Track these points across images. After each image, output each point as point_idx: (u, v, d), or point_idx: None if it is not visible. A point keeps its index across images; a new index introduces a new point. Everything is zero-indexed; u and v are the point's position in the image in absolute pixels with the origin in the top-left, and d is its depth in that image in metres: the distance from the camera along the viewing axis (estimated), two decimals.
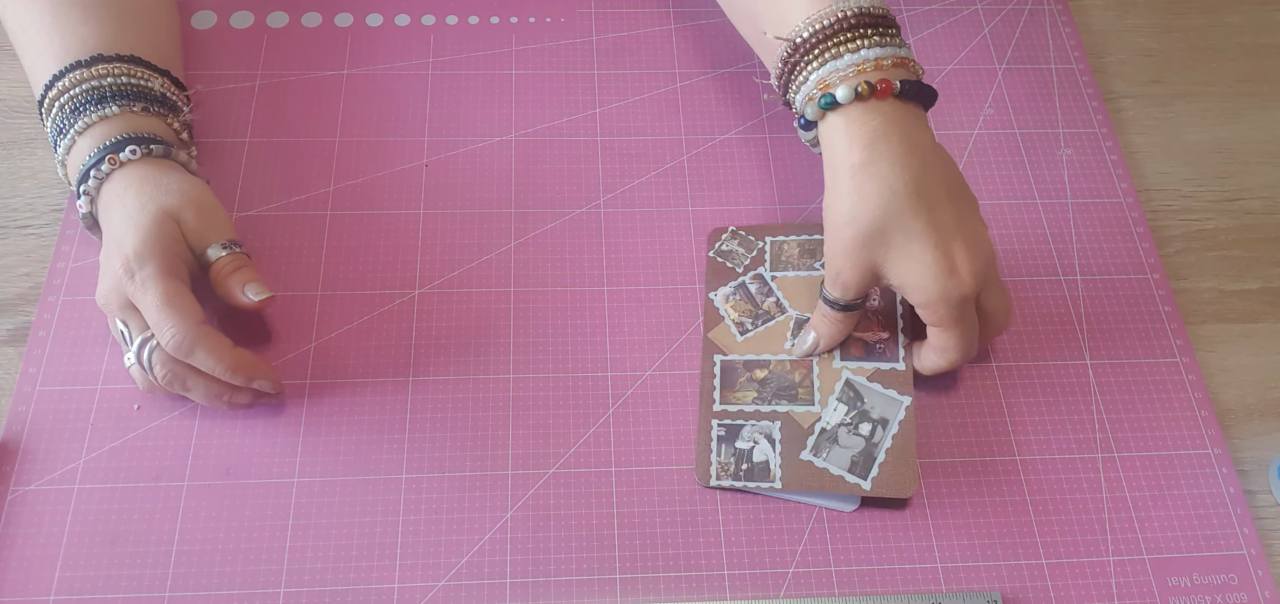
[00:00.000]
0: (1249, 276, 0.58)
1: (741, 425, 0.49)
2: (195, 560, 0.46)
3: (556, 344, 0.53)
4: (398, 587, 0.46)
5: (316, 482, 0.48)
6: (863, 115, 0.45)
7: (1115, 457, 0.51)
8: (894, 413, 0.49)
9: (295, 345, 0.52)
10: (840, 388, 0.50)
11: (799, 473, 0.48)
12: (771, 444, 0.49)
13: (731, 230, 0.56)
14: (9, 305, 0.53)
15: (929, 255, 0.45)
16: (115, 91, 0.49)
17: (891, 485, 0.47)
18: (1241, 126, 0.64)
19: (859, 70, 0.46)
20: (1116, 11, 0.70)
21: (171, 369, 0.47)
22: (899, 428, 0.48)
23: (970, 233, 0.46)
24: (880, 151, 0.45)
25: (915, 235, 0.45)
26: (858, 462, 0.48)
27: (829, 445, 0.48)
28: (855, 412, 0.49)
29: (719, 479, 0.48)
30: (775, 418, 0.49)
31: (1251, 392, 0.54)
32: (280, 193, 0.57)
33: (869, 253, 0.46)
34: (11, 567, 0.46)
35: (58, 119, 0.49)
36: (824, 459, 0.48)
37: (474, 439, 0.50)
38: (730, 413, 0.50)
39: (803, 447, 0.48)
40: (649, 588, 0.47)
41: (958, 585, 0.47)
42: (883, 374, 0.50)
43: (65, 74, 0.49)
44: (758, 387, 0.50)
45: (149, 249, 0.46)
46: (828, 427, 0.49)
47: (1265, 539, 0.49)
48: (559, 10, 0.66)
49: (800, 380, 0.50)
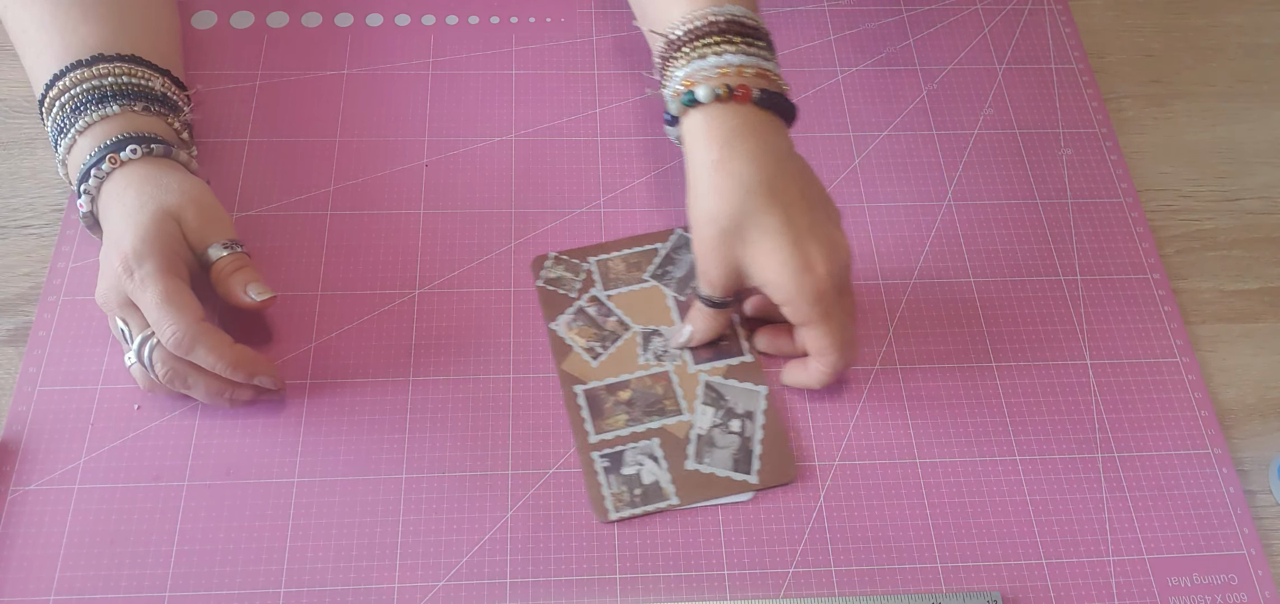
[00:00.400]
0: (1249, 277, 0.58)
1: (622, 451, 0.49)
2: (195, 560, 0.46)
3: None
4: (398, 587, 0.46)
5: (316, 482, 0.48)
6: (721, 115, 0.47)
7: (1115, 457, 0.51)
8: (756, 404, 0.50)
9: (295, 345, 0.52)
10: (702, 391, 0.51)
11: (691, 484, 0.48)
12: (656, 462, 0.49)
13: (553, 256, 0.55)
14: (9, 305, 0.53)
15: (783, 252, 0.46)
16: (116, 91, 0.49)
17: (775, 474, 0.49)
18: (1241, 126, 0.64)
19: (721, 73, 0.47)
20: (1116, 11, 0.70)
21: (173, 366, 0.47)
22: (765, 417, 0.50)
23: (825, 234, 0.47)
24: (735, 150, 0.46)
25: (770, 232, 0.46)
26: (739, 458, 0.49)
27: (708, 449, 0.49)
28: (722, 411, 0.50)
29: (618, 511, 0.48)
30: (652, 435, 0.49)
31: (1251, 392, 0.54)
32: (280, 193, 0.57)
33: (729, 249, 0.47)
34: (11, 567, 0.46)
35: (58, 118, 0.49)
36: (708, 464, 0.49)
37: (474, 439, 0.50)
38: (608, 441, 0.49)
39: (685, 457, 0.49)
40: (649, 588, 0.47)
41: (958, 585, 0.47)
42: (735, 369, 0.51)
43: (66, 73, 0.49)
44: (626, 408, 0.50)
45: (148, 247, 0.46)
46: (702, 431, 0.49)
47: (1265, 539, 0.49)
48: (559, 10, 0.66)
49: (664, 393, 0.51)
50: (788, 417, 0.51)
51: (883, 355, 0.53)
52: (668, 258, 0.55)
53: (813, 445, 0.50)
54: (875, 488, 0.49)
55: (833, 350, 0.48)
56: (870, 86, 0.63)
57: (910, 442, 0.51)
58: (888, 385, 0.52)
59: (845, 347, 0.48)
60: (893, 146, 0.61)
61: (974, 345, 0.54)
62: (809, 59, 0.64)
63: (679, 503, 0.48)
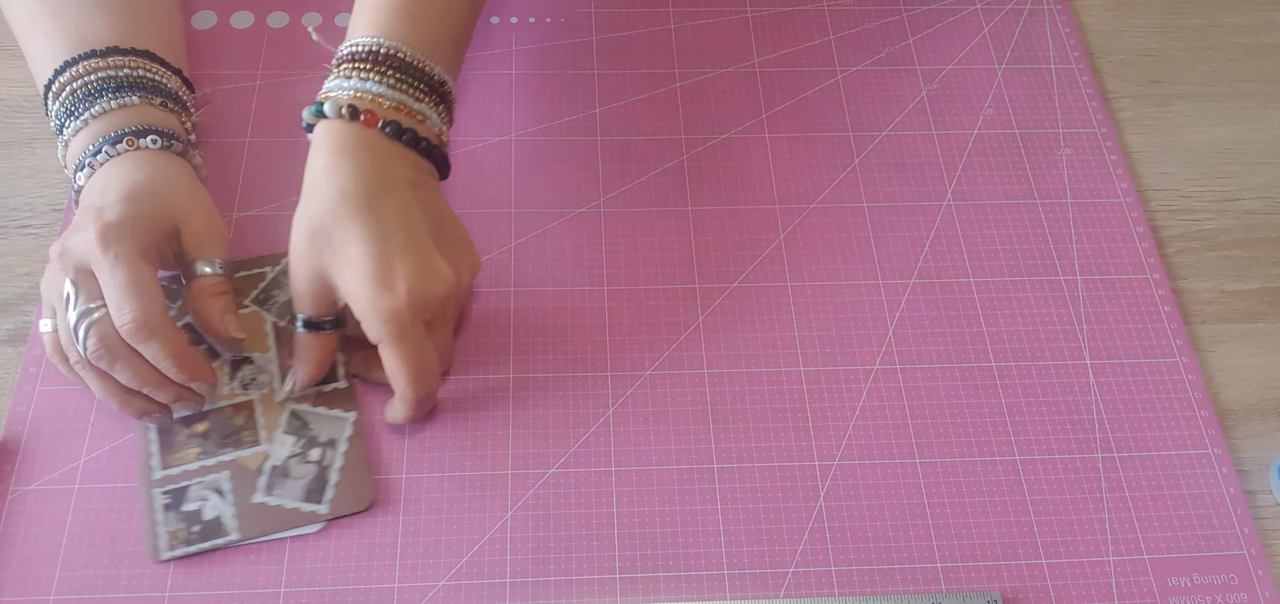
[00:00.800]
0: (1249, 277, 0.58)
1: (187, 487, 0.47)
2: (195, 560, 0.46)
3: (556, 344, 0.53)
4: (398, 587, 0.46)
5: None
6: (341, 130, 0.46)
7: (1115, 457, 0.51)
8: (341, 432, 0.49)
9: None
10: (285, 420, 0.49)
11: (255, 517, 0.46)
12: (222, 496, 0.47)
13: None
14: (9, 305, 0.53)
15: (366, 263, 0.44)
16: (133, 83, 0.49)
17: (347, 503, 0.47)
18: (1241, 126, 0.64)
19: (356, 97, 0.47)
20: (1116, 11, 0.70)
21: (107, 347, 0.44)
22: (349, 444, 0.48)
23: (422, 260, 0.46)
24: (342, 161, 0.46)
25: (356, 239, 0.45)
26: (312, 488, 0.47)
27: (282, 480, 0.47)
28: (303, 440, 0.48)
29: (172, 549, 0.46)
30: (223, 468, 0.47)
31: (1251, 392, 0.54)
32: (280, 193, 0.57)
33: (317, 255, 0.46)
34: (11, 567, 0.46)
35: (68, 102, 0.48)
36: (278, 496, 0.47)
37: (474, 439, 0.50)
38: (174, 477, 0.47)
39: (254, 489, 0.47)
40: (649, 588, 0.47)
41: (958, 585, 0.47)
42: (326, 396, 0.50)
43: (79, 61, 0.49)
44: (200, 441, 0.48)
45: (134, 229, 0.45)
46: (278, 462, 0.48)
47: (1265, 539, 0.49)
48: (559, 10, 0.66)
49: (244, 423, 0.49)
50: (375, 444, 0.49)
51: (883, 355, 0.53)
52: (274, 282, 0.52)
53: (813, 445, 0.50)
54: (875, 488, 0.49)
55: (402, 375, 0.46)
56: (870, 86, 0.64)
57: (910, 441, 0.51)
58: (888, 385, 0.52)
59: (417, 376, 0.46)
60: (893, 146, 0.61)
61: (974, 345, 0.54)
62: (809, 59, 0.65)
63: (239, 538, 0.46)
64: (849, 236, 0.57)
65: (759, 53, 0.65)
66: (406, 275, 0.45)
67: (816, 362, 0.53)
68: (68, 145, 0.49)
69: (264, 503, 0.47)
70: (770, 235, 0.57)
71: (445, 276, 0.47)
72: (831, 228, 0.58)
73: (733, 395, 0.52)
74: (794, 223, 0.58)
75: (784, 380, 0.52)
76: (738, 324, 0.54)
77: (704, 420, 0.51)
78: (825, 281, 0.56)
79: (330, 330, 0.48)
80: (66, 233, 0.46)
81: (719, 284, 0.55)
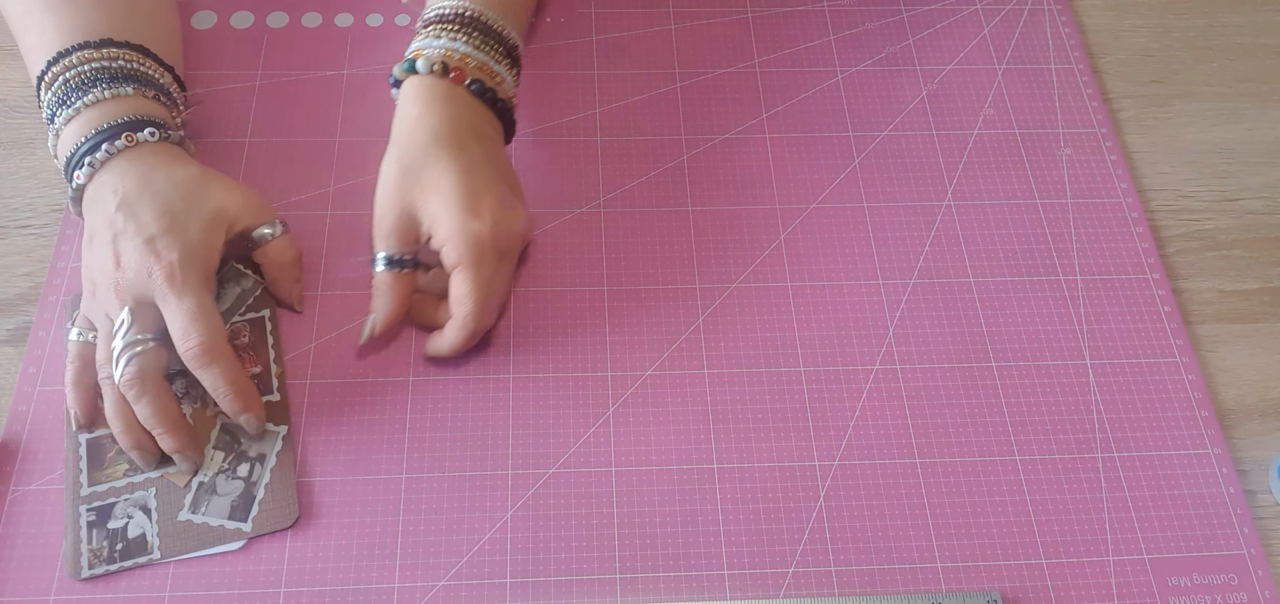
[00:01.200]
0: (1249, 277, 0.58)
1: (113, 504, 0.46)
2: (195, 560, 0.46)
3: (556, 344, 0.53)
4: (398, 587, 0.46)
5: (316, 481, 0.48)
6: (432, 84, 0.51)
7: (1115, 457, 0.51)
8: (271, 446, 0.48)
9: (295, 345, 0.52)
10: (216, 435, 0.48)
11: (177, 535, 0.46)
12: (147, 514, 0.46)
13: (72, 298, 0.51)
14: (9, 305, 0.53)
15: (456, 192, 0.48)
16: (127, 75, 0.49)
17: (272, 519, 0.46)
18: (1241, 126, 0.64)
19: (445, 54, 0.51)
20: (1116, 11, 0.70)
21: (141, 381, 0.45)
22: (277, 459, 0.48)
23: (502, 199, 0.50)
24: (434, 110, 0.50)
25: (448, 173, 0.49)
26: (237, 506, 0.47)
27: (208, 497, 0.47)
28: (232, 455, 0.48)
29: (92, 568, 0.45)
30: (150, 485, 0.47)
31: (1251, 392, 0.54)
32: (280, 193, 0.57)
33: (407, 190, 0.49)
34: (11, 567, 0.46)
35: (60, 91, 0.48)
36: (203, 513, 0.46)
37: (474, 439, 0.50)
38: (100, 493, 0.46)
39: (180, 507, 0.46)
40: (649, 588, 0.47)
41: (958, 585, 0.47)
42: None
43: (73, 52, 0.49)
44: (128, 458, 0.47)
45: (196, 259, 0.47)
46: (206, 478, 0.47)
47: (1265, 539, 0.49)
48: (559, 10, 0.66)
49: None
50: (303, 456, 0.49)
51: (883, 355, 0.53)
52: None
53: (813, 445, 0.50)
54: (875, 488, 0.49)
55: (470, 300, 0.49)
56: (870, 86, 0.64)
57: (910, 441, 0.51)
58: (888, 385, 0.52)
59: (482, 307, 0.49)
60: (893, 146, 0.61)
61: (974, 345, 0.54)
62: (809, 59, 0.64)
63: (160, 557, 0.45)
64: (849, 236, 0.57)
65: (759, 53, 0.65)
66: (491, 207, 0.49)
67: (816, 361, 0.53)
68: (59, 135, 0.49)
69: (189, 521, 0.46)
70: (770, 235, 0.57)
71: (523, 215, 0.52)
72: (831, 228, 0.58)
73: (733, 395, 0.52)
74: (794, 223, 0.58)
75: (784, 380, 0.52)
76: (738, 324, 0.54)
77: (704, 420, 0.51)
78: (825, 282, 0.56)
79: (410, 270, 0.51)
80: (114, 262, 0.46)
81: (719, 284, 0.55)
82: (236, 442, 0.48)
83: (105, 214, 0.47)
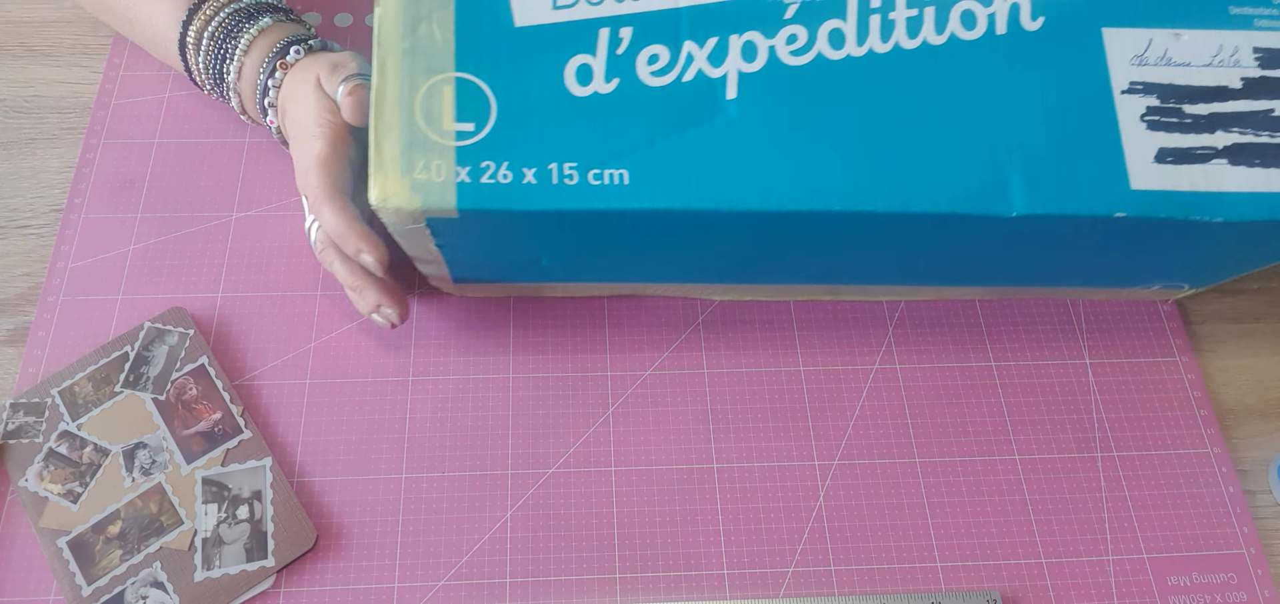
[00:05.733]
0: (1249, 277, 0.58)
1: (122, 591, 0.45)
2: None
3: (556, 344, 0.53)
4: (398, 587, 0.46)
5: (316, 481, 0.48)
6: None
7: (1115, 456, 0.51)
8: (262, 481, 0.47)
9: (295, 345, 0.52)
10: (201, 490, 0.47)
11: (204, 596, 0.45)
12: (163, 588, 0.45)
13: (9, 405, 0.48)
14: (9, 305, 0.53)
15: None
16: (256, 8, 0.52)
17: (292, 546, 0.46)
18: None
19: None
20: None
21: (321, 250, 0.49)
22: (273, 490, 0.47)
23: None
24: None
25: None
26: (252, 547, 0.46)
27: (217, 550, 0.46)
28: (225, 503, 0.47)
29: None
30: (152, 560, 0.45)
31: (1251, 392, 0.54)
32: (280, 193, 0.57)
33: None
34: (11, 567, 0.46)
35: (211, 49, 0.52)
36: (220, 566, 0.45)
37: (474, 439, 0.50)
38: (104, 587, 0.45)
39: (193, 569, 0.45)
40: (649, 588, 0.47)
41: (958, 585, 0.47)
42: (234, 452, 0.48)
43: (202, 5, 0.52)
44: (119, 543, 0.46)
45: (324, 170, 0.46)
46: (207, 534, 0.46)
47: (1265, 539, 0.49)
48: None
49: (159, 508, 0.46)
50: (303, 458, 0.49)
51: (882, 355, 0.53)
52: (140, 358, 0.50)
53: (813, 445, 0.50)
54: (875, 488, 0.49)
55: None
56: None
57: (910, 441, 0.51)
58: (887, 385, 0.52)
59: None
60: None
61: (974, 345, 0.54)
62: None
63: None
64: None
65: None
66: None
67: (816, 361, 0.53)
68: (239, 93, 0.53)
69: (208, 578, 0.45)
70: None
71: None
72: None
73: (732, 395, 0.52)
74: None
75: (784, 380, 0.52)
76: (738, 324, 0.54)
77: (704, 420, 0.51)
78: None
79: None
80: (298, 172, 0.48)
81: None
82: (225, 489, 0.47)
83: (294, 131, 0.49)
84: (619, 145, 0.39)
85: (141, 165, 0.57)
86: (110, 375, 0.50)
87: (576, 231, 0.41)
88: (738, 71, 0.40)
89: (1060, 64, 0.41)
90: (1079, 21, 0.41)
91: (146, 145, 0.57)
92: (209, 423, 0.49)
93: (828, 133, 0.39)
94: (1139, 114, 0.40)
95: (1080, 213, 0.39)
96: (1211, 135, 0.40)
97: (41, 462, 0.47)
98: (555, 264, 0.47)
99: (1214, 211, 0.39)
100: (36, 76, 0.60)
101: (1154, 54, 0.41)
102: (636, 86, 0.40)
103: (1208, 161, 0.40)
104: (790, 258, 0.46)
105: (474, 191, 0.38)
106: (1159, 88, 0.41)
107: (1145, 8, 0.42)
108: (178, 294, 0.53)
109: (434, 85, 0.39)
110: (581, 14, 0.40)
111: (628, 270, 0.49)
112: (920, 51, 0.41)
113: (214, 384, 0.50)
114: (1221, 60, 0.41)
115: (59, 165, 0.57)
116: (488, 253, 0.45)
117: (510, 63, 0.40)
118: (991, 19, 0.41)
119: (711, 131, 0.39)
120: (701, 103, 0.39)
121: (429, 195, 0.38)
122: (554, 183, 0.38)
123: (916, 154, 0.39)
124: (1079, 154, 0.40)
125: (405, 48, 0.40)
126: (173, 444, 0.48)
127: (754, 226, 0.41)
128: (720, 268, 0.48)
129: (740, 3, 0.41)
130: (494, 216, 0.39)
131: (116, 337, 0.51)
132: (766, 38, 0.40)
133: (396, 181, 0.38)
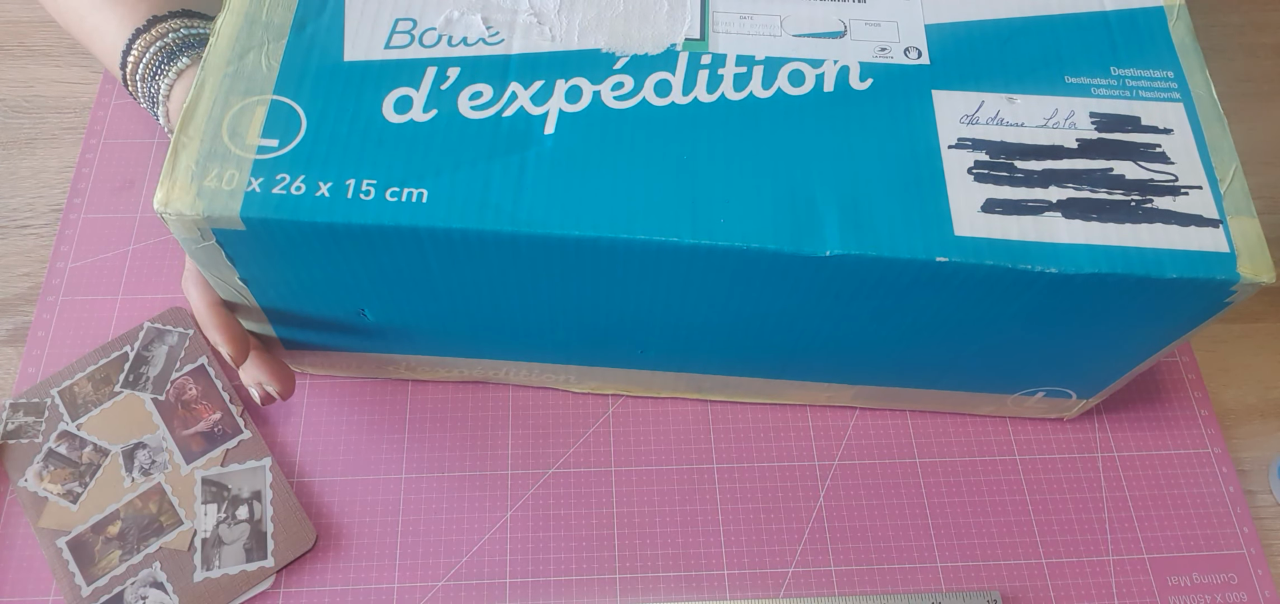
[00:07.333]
0: None
1: (122, 591, 0.45)
2: None
3: None
4: (397, 586, 0.46)
5: (316, 481, 0.48)
6: None
7: (1115, 456, 0.51)
8: (261, 481, 0.47)
9: None
10: (200, 490, 0.47)
11: (203, 596, 0.45)
12: (162, 589, 0.45)
13: (9, 405, 0.49)
14: (9, 305, 0.53)
15: None
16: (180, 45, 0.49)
17: (292, 547, 0.46)
18: (1241, 126, 0.64)
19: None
20: None
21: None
22: (273, 490, 0.47)
23: None
24: None
25: None
26: (252, 547, 0.46)
27: (217, 550, 0.46)
28: (225, 503, 0.47)
29: None
30: (152, 560, 0.45)
31: (1251, 392, 0.54)
32: None
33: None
34: (11, 567, 0.46)
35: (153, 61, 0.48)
36: (219, 567, 0.45)
37: (474, 439, 0.50)
38: (103, 587, 0.45)
39: (192, 569, 0.45)
40: (649, 588, 0.47)
41: (958, 585, 0.47)
42: (234, 452, 0.48)
43: (152, 25, 0.48)
44: (118, 543, 0.46)
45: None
46: (207, 534, 0.46)
47: (1265, 539, 0.49)
48: None
49: (159, 509, 0.46)
50: (302, 458, 0.49)
51: None
52: (140, 358, 0.50)
53: (813, 445, 0.50)
54: (875, 488, 0.49)
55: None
56: None
57: (910, 441, 0.51)
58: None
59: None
60: None
61: None
62: None
63: None
64: None
65: None
66: None
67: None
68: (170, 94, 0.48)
69: (207, 578, 0.45)
70: None
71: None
72: None
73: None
74: None
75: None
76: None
77: (704, 420, 0.51)
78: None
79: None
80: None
81: None
82: (224, 489, 0.47)
83: None
84: (423, 167, 0.37)
85: (141, 165, 0.57)
86: (110, 375, 0.50)
87: (377, 260, 0.39)
88: (559, 110, 0.39)
89: (886, 119, 0.39)
90: (908, 84, 0.40)
91: (146, 145, 0.57)
92: (209, 423, 0.49)
93: (639, 168, 0.38)
94: (966, 167, 0.38)
95: (898, 255, 0.37)
96: (1045, 190, 0.38)
97: (41, 462, 0.47)
98: (380, 319, 0.44)
99: (1046, 261, 0.37)
100: (36, 76, 0.61)
101: (985, 114, 0.40)
102: (454, 117, 0.38)
103: (1041, 214, 0.37)
104: (629, 328, 0.44)
105: (262, 201, 0.36)
106: (989, 144, 0.39)
107: (977, 74, 0.41)
108: (178, 294, 0.53)
109: (247, 105, 0.38)
110: (413, 54, 0.40)
111: (467, 341, 0.46)
112: (746, 103, 0.39)
113: (214, 384, 0.50)
114: (1056, 122, 0.40)
115: (59, 165, 0.57)
116: (293, 285, 0.41)
117: (330, 90, 0.39)
118: (820, 79, 0.40)
119: (521, 160, 0.38)
120: (517, 135, 0.38)
121: (214, 202, 0.36)
122: (349, 197, 0.36)
123: (730, 191, 0.37)
124: (900, 200, 0.38)
125: (228, 72, 0.39)
126: (172, 444, 0.48)
127: (560, 264, 0.38)
128: (566, 342, 0.46)
129: (571, 54, 0.40)
130: (283, 229, 0.37)
131: (116, 337, 0.51)
132: (593, 83, 0.40)
133: (183, 187, 0.36)
